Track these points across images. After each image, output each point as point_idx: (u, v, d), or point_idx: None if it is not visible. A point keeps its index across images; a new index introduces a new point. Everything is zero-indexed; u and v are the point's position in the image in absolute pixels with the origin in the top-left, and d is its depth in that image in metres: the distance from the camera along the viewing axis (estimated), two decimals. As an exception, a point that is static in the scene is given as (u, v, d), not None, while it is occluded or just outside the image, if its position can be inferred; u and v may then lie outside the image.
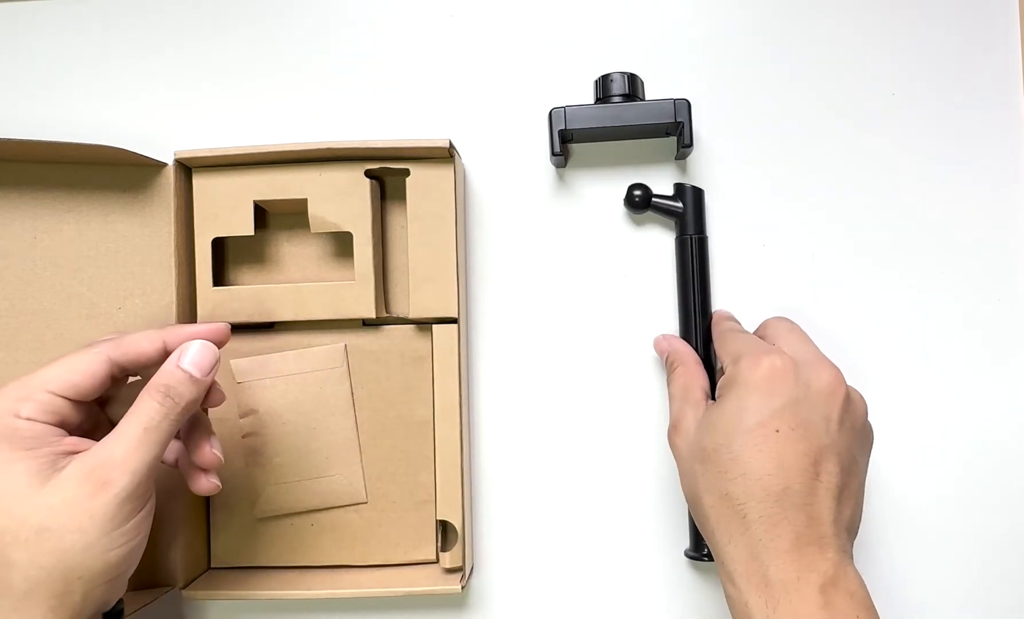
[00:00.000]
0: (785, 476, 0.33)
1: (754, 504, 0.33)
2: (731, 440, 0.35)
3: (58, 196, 0.44)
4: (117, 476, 0.32)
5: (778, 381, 0.35)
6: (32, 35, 0.49)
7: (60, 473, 0.32)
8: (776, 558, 0.32)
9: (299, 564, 0.45)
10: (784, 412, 0.34)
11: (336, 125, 0.48)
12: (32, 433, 0.32)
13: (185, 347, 0.35)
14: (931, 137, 0.46)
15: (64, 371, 0.34)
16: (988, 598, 0.45)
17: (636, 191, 0.45)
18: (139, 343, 0.36)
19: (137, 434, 0.33)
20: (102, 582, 0.32)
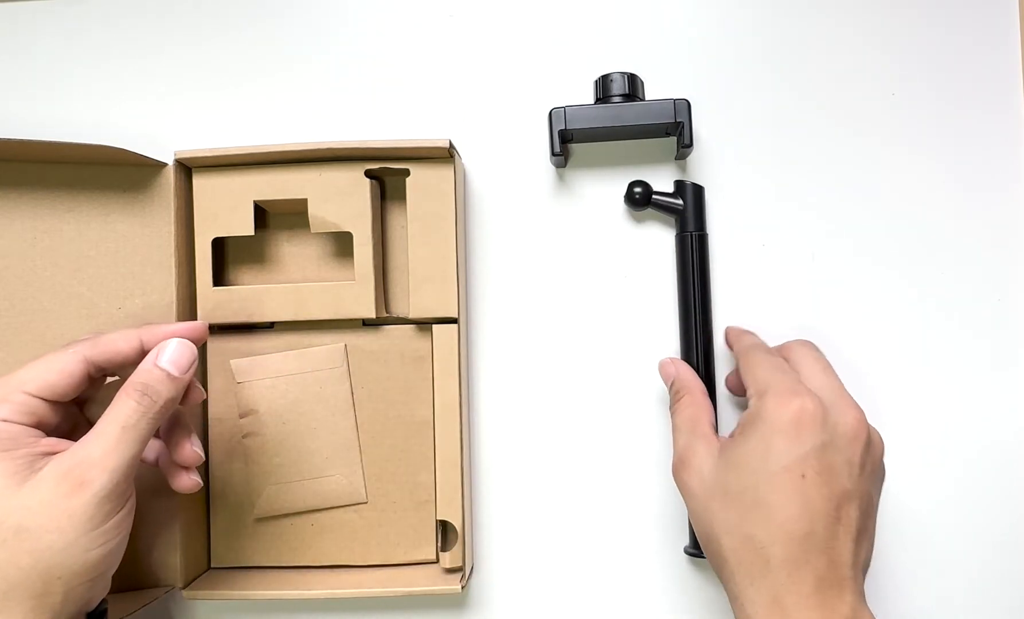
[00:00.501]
0: (809, 520, 0.33)
1: (778, 548, 0.33)
2: (757, 482, 0.34)
3: (58, 196, 0.44)
4: (95, 475, 0.32)
5: (807, 426, 0.35)
6: (32, 35, 0.49)
7: (37, 474, 0.32)
8: (798, 601, 0.32)
9: (299, 564, 0.45)
10: (811, 457, 0.34)
11: (336, 125, 0.48)
12: (8, 434, 0.32)
13: (162, 346, 0.35)
14: (931, 137, 0.46)
15: (41, 372, 0.34)
16: (988, 599, 0.44)
17: (636, 188, 0.45)
18: (116, 343, 0.36)
19: (115, 433, 0.33)
20: (82, 582, 0.32)
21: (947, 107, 0.46)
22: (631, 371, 0.46)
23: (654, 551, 0.45)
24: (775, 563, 0.33)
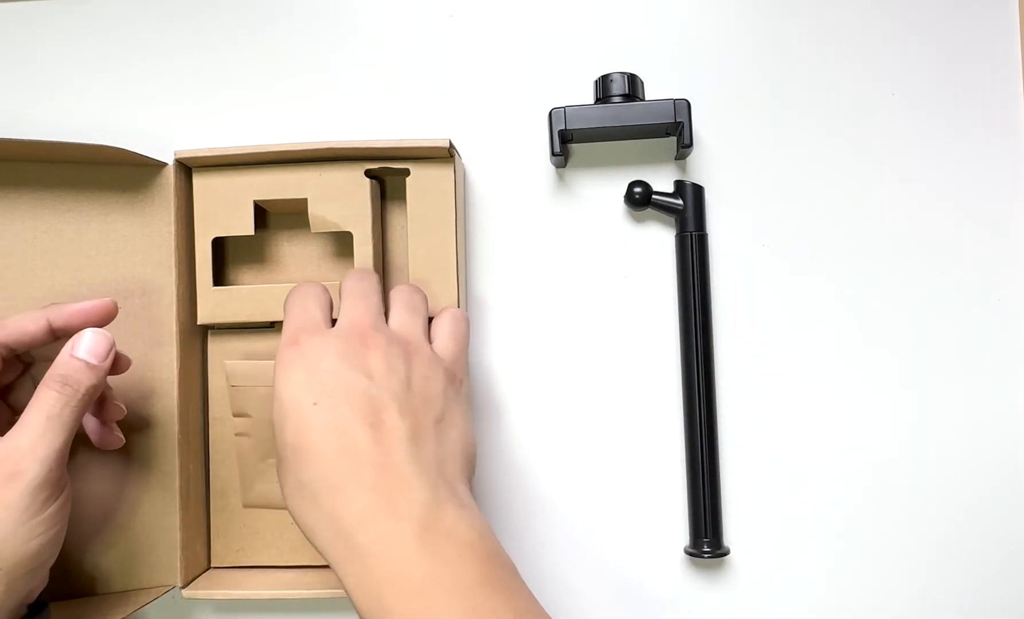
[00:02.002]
0: (337, 441, 0.32)
1: (318, 482, 0.32)
2: (280, 430, 0.33)
3: (58, 196, 0.44)
4: (27, 465, 0.32)
5: (291, 360, 0.34)
6: (32, 35, 0.49)
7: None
8: (356, 521, 0.31)
9: (299, 564, 0.45)
10: (310, 385, 0.33)
11: (336, 125, 0.48)
12: None
13: (78, 337, 0.36)
14: (931, 137, 0.46)
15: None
16: (990, 599, 0.44)
17: (636, 188, 0.45)
18: (23, 323, 0.36)
19: (40, 423, 0.33)
20: (22, 573, 0.32)
21: (947, 107, 0.46)
22: (631, 371, 0.46)
23: (654, 551, 0.45)
24: (321, 497, 0.31)
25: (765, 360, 0.46)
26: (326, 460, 0.32)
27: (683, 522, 0.45)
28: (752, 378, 0.46)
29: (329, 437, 0.32)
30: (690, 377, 0.45)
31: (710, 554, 0.43)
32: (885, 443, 0.45)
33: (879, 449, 0.45)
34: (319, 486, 0.31)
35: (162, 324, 0.44)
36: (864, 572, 0.45)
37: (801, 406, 0.45)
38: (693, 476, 0.44)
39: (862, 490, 0.45)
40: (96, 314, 0.37)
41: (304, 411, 0.32)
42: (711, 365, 0.45)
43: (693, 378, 0.44)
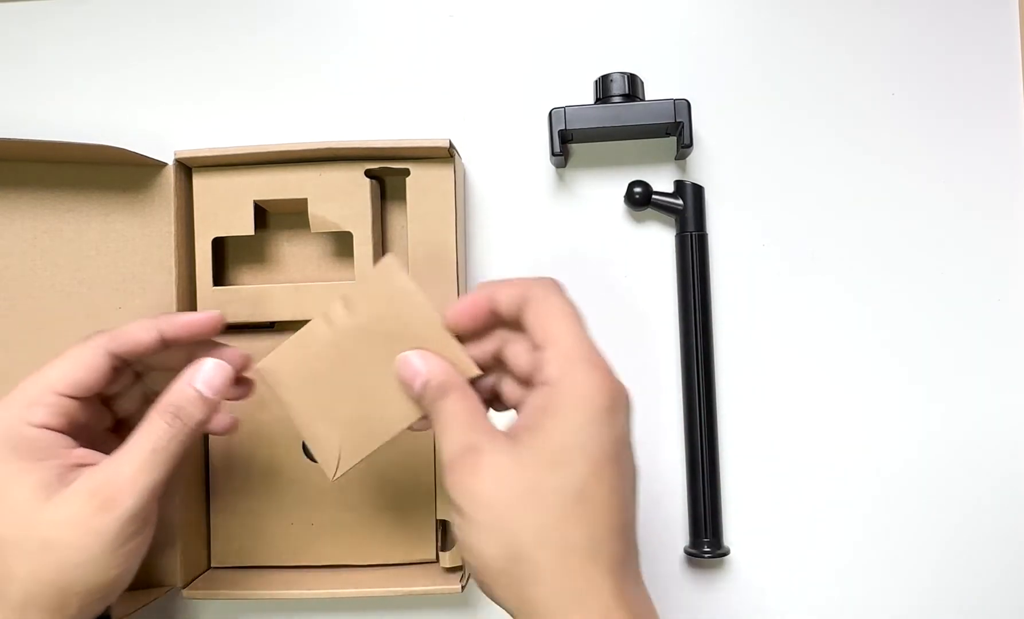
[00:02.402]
0: (626, 509, 0.31)
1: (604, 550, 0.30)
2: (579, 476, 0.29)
3: (58, 196, 0.44)
4: (123, 496, 0.31)
5: (620, 406, 0.31)
6: (33, 35, 0.49)
7: (67, 488, 0.31)
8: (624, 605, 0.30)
9: (299, 564, 0.45)
10: (621, 440, 0.31)
11: (336, 125, 0.48)
12: (42, 442, 0.32)
13: (198, 365, 0.35)
14: (931, 137, 0.46)
15: (68, 369, 0.34)
16: (991, 599, 0.44)
17: (636, 188, 0.45)
18: (135, 334, 0.35)
19: (144, 454, 0.32)
20: (98, 598, 0.32)
21: (947, 107, 0.46)
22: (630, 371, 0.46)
23: (654, 551, 0.45)
24: (603, 568, 0.29)
25: (765, 360, 0.46)
26: (615, 531, 0.30)
27: (683, 522, 0.45)
28: (752, 378, 0.46)
29: (624, 503, 0.31)
30: (690, 377, 0.45)
31: (710, 554, 0.43)
32: (885, 443, 0.45)
33: (879, 449, 0.45)
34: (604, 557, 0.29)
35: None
36: (864, 572, 0.45)
37: (801, 406, 0.45)
38: (693, 476, 0.44)
39: (862, 490, 0.45)
40: (205, 326, 0.36)
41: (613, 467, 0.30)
42: (711, 365, 0.45)
43: (693, 378, 0.44)
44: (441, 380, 0.32)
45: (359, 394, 0.34)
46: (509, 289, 0.33)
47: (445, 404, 0.32)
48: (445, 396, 0.32)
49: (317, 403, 0.35)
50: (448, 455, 0.31)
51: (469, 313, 0.33)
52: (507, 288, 0.33)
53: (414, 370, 0.33)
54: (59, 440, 0.33)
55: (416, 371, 0.33)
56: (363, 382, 0.34)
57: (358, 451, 0.35)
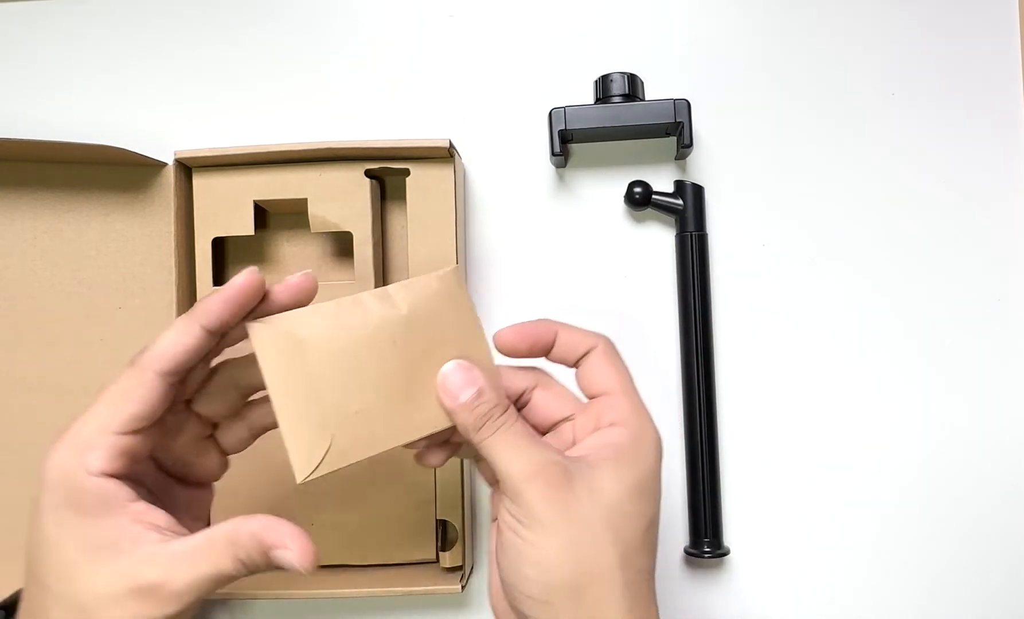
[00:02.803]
0: (654, 546, 0.34)
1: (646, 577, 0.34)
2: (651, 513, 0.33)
3: (58, 196, 0.44)
4: (167, 604, 0.30)
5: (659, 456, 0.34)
6: (32, 35, 0.49)
7: (118, 561, 0.30)
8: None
9: (299, 564, 0.45)
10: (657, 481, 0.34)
11: (336, 125, 0.48)
12: (99, 496, 0.30)
13: (279, 534, 0.31)
14: (931, 137, 0.46)
15: (122, 404, 0.31)
16: (990, 598, 0.44)
17: (636, 188, 0.45)
18: (180, 342, 0.31)
19: (200, 579, 0.30)
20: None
21: (947, 107, 0.46)
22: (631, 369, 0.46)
23: (654, 551, 0.45)
24: (652, 591, 0.33)
25: (765, 360, 0.46)
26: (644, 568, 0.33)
27: (683, 522, 0.45)
28: (752, 378, 0.46)
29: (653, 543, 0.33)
30: (690, 377, 0.45)
31: (710, 554, 0.43)
32: (885, 443, 0.45)
33: (879, 449, 0.45)
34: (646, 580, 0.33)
35: (162, 324, 0.43)
36: (864, 572, 0.45)
37: (801, 406, 0.45)
38: (693, 476, 0.44)
39: (862, 490, 0.45)
40: (246, 295, 0.31)
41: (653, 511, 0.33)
42: (711, 365, 0.45)
43: (693, 378, 0.44)
44: (500, 394, 0.32)
45: (376, 389, 0.31)
46: (578, 335, 0.34)
47: (509, 418, 0.32)
48: (508, 410, 0.32)
49: (312, 387, 0.30)
50: (529, 466, 0.30)
51: (528, 337, 0.34)
52: (575, 333, 0.35)
53: (471, 377, 0.32)
54: (118, 491, 0.30)
55: (474, 378, 0.32)
56: (385, 377, 0.31)
57: (354, 452, 0.31)
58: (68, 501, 0.30)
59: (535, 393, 0.35)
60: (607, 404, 0.33)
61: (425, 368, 0.32)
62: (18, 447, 0.43)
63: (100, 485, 0.30)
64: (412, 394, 0.32)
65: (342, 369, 0.31)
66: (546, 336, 0.34)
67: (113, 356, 0.44)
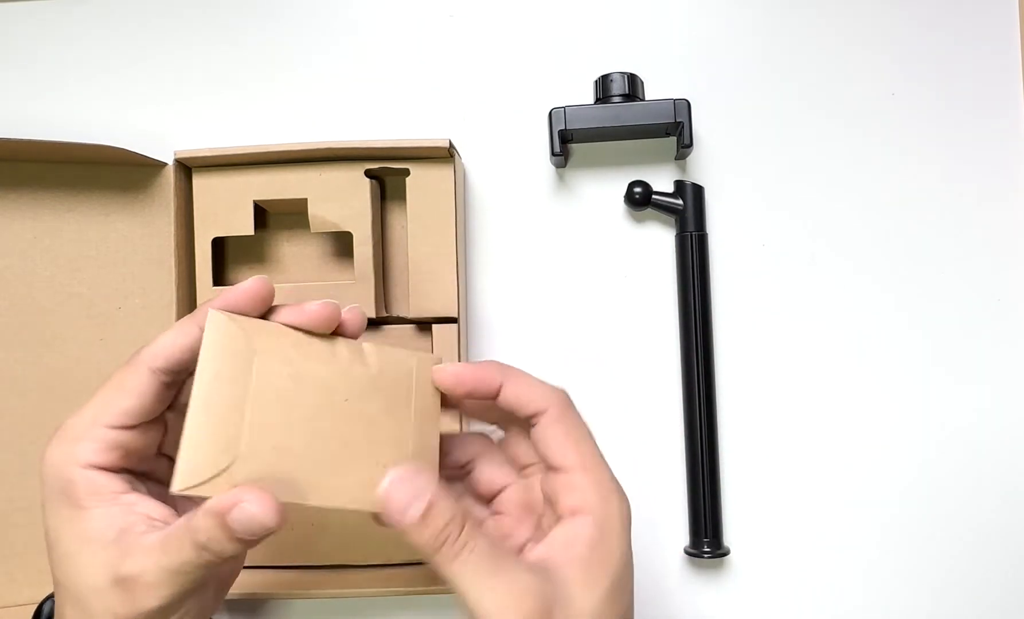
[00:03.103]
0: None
1: None
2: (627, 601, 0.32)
3: (58, 196, 0.44)
4: (144, 598, 0.29)
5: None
6: (32, 35, 0.49)
7: (103, 553, 0.30)
8: None
9: (299, 564, 0.45)
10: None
11: (336, 125, 0.48)
12: (88, 489, 0.30)
13: (235, 501, 0.29)
14: (931, 137, 0.46)
15: (114, 398, 0.31)
16: (989, 598, 0.44)
17: (636, 188, 0.45)
18: (176, 341, 0.31)
19: (169, 572, 0.29)
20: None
21: (947, 107, 0.46)
22: (631, 371, 0.46)
23: (654, 551, 0.45)
24: None
25: (765, 360, 0.46)
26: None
27: (683, 522, 0.45)
28: (752, 378, 0.46)
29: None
30: (690, 377, 0.45)
31: (710, 554, 0.43)
32: (885, 443, 0.45)
33: (879, 449, 0.45)
34: None
35: (162, 324, 0.43)
36: (864, 572, 0.45)
37: (801, 406, 0.45)
38: (693, 476, 0.44)
39: (862, 490, 0.45)
40: (251, 299, 0.31)
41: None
42: (711, 365, 0.45)
43: (693, 378, 0.44)
44: (455, 504, 0.29)
45: (308, 435, 0.29)
46: (527, 392, 0.32)
47: (470, 537, 0.29)
48: (466, 526, 0.29)
49: (239, 400, 0.28)
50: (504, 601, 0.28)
51: (467, 383, 0.32)
52: (525, 388, 0.32)
53: (417, 488, 0.29)
54: (107, 483, 0.30)
55: (420, 489, 0.29)
56: (323, 428, 0.29)
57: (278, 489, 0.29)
58: (62, 494, 0.30)
59: (477, 463, 0.34)
60: (565, 484, 0.32)
61: (367, 439, 0.30)
62: (18, 447, 0.43)
63: (90, 477, 0.30)
64: (344, 460, 0.30)
65: (280, 398, 0.29)
66: (489, 383, 0.32)
67: (113, 356, 0.44)
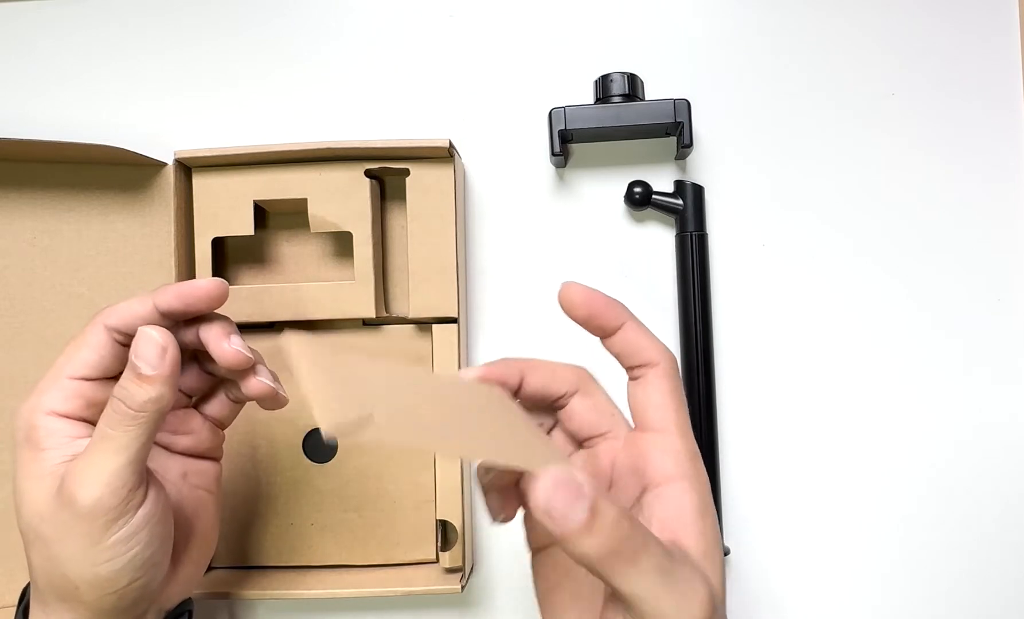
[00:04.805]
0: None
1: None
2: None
3: (58, 196, 0.44)
4: (77, 490, 0.30)
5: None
6: (32, 35, 0.49)
7: (55, 483, 0.31)
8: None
9: (299, 564, 0.45)
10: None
11: (336, 125, 0.48)
12: (48, 431, 0.32)
13: (136, 336, 0.32)
14: (931, 137, 0.46)
15: (74, 351, 0.33)
16: (988, 598, 0.44)
17: (636, 188, 0.45)
18: (132, 307, 0.33)
19: (94, 446, 0.31)
20: (106, 593, 0.31)
21: (947, 107, 0.46)
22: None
23: (654, 551, 0.45)
24: None
25: (765, 360, 0.46)
26: None
27: (683, 522, 0.45)
28: (752, 378, 0.46)
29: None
30: (690, 377, 0.45)
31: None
32: (885, 443, 0.45)
33: (879, 449, 0.45)
34: None
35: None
36: (863, 572, 0.45)
37: (801, 406, 0.45)
38: (693, 476, 0.44)
39: (862, 490, 0.45)
40: (201, 296, 0.33)
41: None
42: (711, 365, 0.45)
43: (693, 378, 0.44)
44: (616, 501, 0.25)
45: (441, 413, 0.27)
46: (645, 339, 0.32)
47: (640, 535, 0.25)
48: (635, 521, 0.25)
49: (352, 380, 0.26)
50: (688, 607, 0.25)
51: (597, 309, 0.32)
52: (643, 335, 0.32)
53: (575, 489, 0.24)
54: (67, 429, 0.32)
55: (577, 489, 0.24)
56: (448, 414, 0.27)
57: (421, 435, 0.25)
58: (25, 440, 0.32)
59: (574, 399, 0.32)
60: (661, 447, 0.30)
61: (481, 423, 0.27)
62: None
63: (50, 422, 0.32)
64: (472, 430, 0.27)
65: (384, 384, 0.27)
66: (612, 321, 0.32)
67: (113, 356, 0.44)
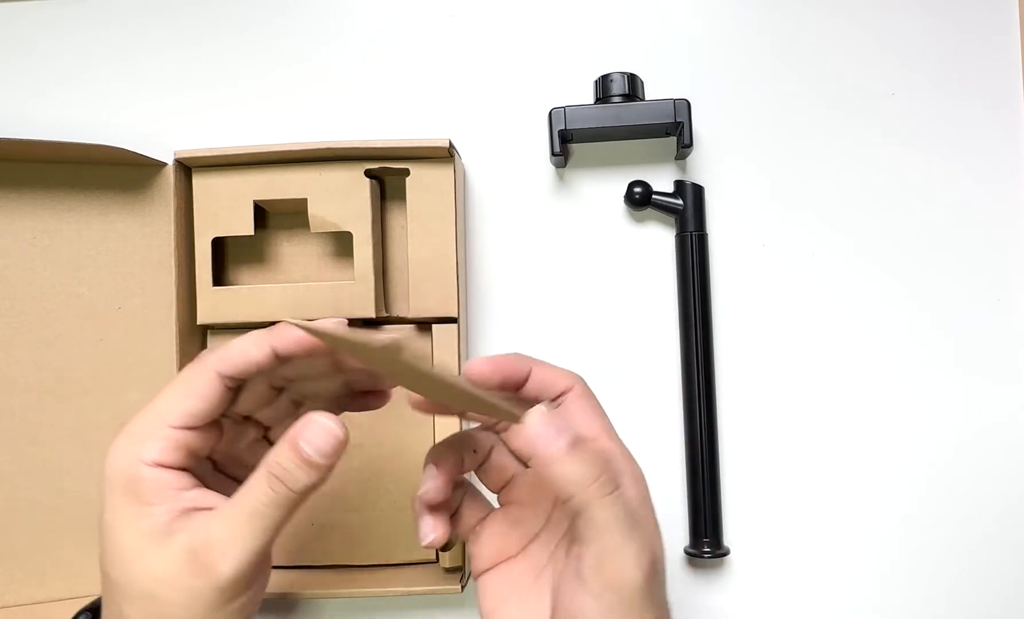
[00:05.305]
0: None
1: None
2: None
3: (58, 196, 0.44)
4: (219, 562, 0.30)
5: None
6: (32, 35, 0.49)
7: (171, 540, 0.30)
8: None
9: (299, 564, 0.45)
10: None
11: (336, 125, 0.48)
12: (154, 484, 0.31)
13: (305, 423, 0.31)
14: (931, 137, 0.46)
15: (180, 399, 0.31)
16: (986, 599, 0.44)
17: (636, 188, 0.45)
18: (247, 352, 0.32)
19: (243, 519, 0.30)
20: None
21: (947, 107, 0.46)
22: (631, 371, 0.46)
23: (654, 551, 0.45)
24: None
25: (765, 360, 0.46)
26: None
27: (683, 522, 0.45)
28: (752, 378, 0.46)
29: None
30: (690, 377, 0.45)
31: (710, 554, 0.43)
32: (885, 443, 0.45)
33: (879, 449, 0.45)
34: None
35: (162, 324, 0.44)
36: (863, 572, 0.45)
37: (801, 406, 0.45)
38: (693, 476, 0.44)
39: (861, 490, 0.45)
40: (320, 350, 0.32)
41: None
42: (711, 365, 0.45)
43: (693, 378, 0.44)
44: (597, 455, 0.31)
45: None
46: (552, 373, 0.34)
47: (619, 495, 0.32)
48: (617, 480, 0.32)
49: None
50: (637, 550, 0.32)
51: (501, 371, 0.34)
52: (550, 371, 0.35)
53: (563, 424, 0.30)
54: (173, 480, 0.31)
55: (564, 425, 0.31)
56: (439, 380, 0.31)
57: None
58: (125, 491, 0.30)
59: (495, 454, 0.37)
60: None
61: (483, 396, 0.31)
62: (18, 447, 0.43)
63: (155, 474, 0.31)
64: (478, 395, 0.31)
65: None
66: (520, 372, 0.34)
67: (113, 356, 0.44)
